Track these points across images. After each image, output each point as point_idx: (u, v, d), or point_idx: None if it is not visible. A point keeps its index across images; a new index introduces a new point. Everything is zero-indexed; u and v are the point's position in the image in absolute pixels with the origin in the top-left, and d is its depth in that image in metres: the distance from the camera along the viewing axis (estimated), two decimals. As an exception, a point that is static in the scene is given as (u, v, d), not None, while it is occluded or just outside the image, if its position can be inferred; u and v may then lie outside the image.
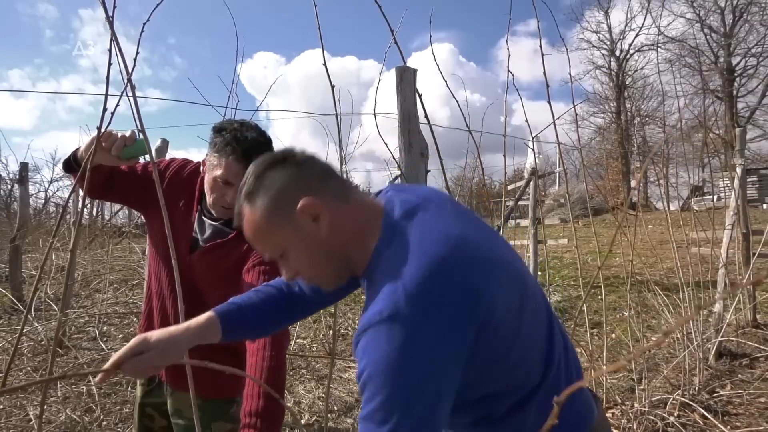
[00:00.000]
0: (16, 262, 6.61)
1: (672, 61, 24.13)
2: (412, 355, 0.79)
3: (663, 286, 4.78)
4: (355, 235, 0.95)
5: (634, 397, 3.31)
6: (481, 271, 0.85)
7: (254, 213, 0.93)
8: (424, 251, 0.84)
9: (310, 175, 0.95)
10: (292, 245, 0.94)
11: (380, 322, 0.80)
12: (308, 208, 0.91)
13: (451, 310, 0.81)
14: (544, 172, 7.29)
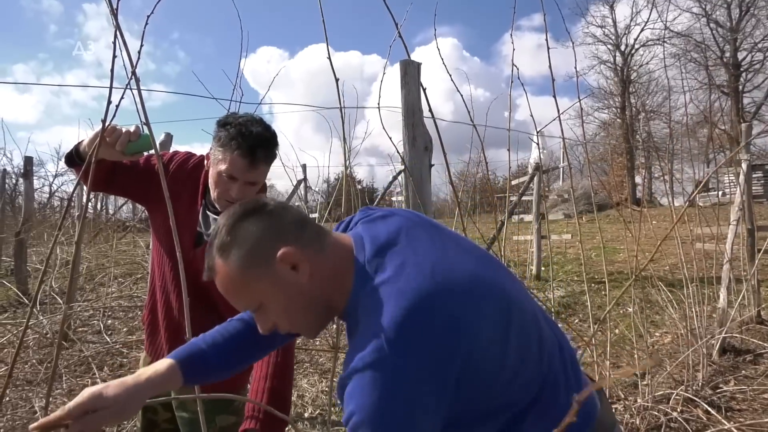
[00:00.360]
0: (21, 255, 6.65)
1: (678, 56, 24.00)
2: (397, 399, 0.79)
3: (667, 282, 4.77)
4: (335, 278, 0.93)
5: (637, 392, 3.30)
6: (460, 302, 0.84)
7: (228, 266, 0.90)
8: (400, 290, 0.84)
9: (286, 224, 0.93)
10: (269, 297, 0.91)
11: (364, 368, 0.80)
12: (288, 256, 0.89)
13: (434, 348, 0.80)
14: (549, 167, 7.26)
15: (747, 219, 4.63)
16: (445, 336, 0.81)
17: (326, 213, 6.88)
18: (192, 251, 1.55)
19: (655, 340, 4.53)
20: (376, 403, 0.79)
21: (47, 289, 5.24)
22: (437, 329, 0.81)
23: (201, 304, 1.48)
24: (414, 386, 0.79)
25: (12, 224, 8.46)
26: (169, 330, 1.62)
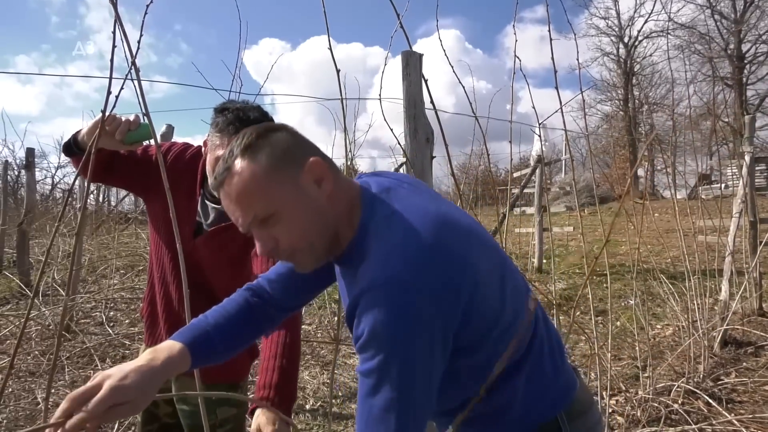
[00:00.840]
0: (23, 247, 6.66)
1: (681, 47, 23.85)
2: (410, 317, 0.80)
3: (669, 275, 4.76)
4: (346, 209, 0.93)
5: (638, 384, 3.31)
6: (464, 240, 0.89)
7: (254, 166, 0.86)
8: (409, 222, 0.86)
9: (306, 140, 0.94)
10: (286, 206, 0.88)
11: (378, 287, 0.81)
12: (316, 167, 0.89)
13: (443, 275, 0.83)
14: (551, 159, 7.24)
15: (749, 211, 4.61)
16: (454, 267, 0.84)
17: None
18: (191, 241, 1.54)
19: (656, 332, 4.53)
20: (388, 319, 0.80)
21: (49, 280, 5.25)
22: (447, 260, 0.84)
23: (201, 294, 1.48)
24: (425, 305, 0.81)
25: (14, 216, 8.47)
26: (168, 322, 1.61)
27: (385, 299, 0.80)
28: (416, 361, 0.82)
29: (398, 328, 0.80)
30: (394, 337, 0.81)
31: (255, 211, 0.87)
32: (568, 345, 4.20)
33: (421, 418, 0.86)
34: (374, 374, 0.82)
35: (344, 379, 3.76)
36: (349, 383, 3.69)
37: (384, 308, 0.80)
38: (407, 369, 0.82)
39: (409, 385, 0.82)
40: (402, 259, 0.82)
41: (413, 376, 0.82)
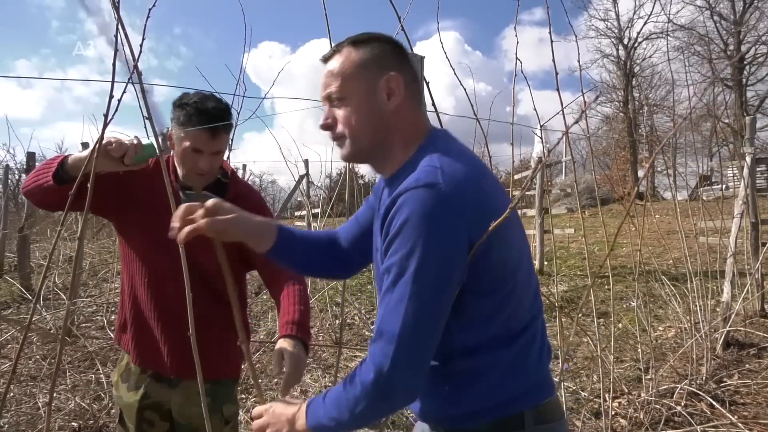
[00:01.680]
0: (24, 251, 6.66)
1: (681, 49, 23.87)
2: (439, 217, 0.89)
3: (671, 276, 4.76)
4: (405, 131, 1.05)
5: (641, 386, 3.30)
6: (498, 193, 1.01)
7: (353, 54, 1.04)
8: (458, 157, 0.97)
9: (407, 66, 1.07)
10: (355, 98, 1.04)
11: (415, 188, 0.90)
12: (392, 80, 1.03)
13: (476, 195, 0.93)
14: (551, 161, 7.24)
15: (751, 212, 4.61)
16: (488, 196, 0.96)
17: (329, 208, 6.86)
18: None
19: (658, 334, 4.52)
20: (418, 213, 0.88)
21: (50, 284, 5.25)
22: (482, 187, 0.96)
23: (199, 283, 1.51)
24: (454, 211, 0.90)
25: (15, 220, 8.47)
26: (161, 321, 1.61)
27: (419, 197, 0.89)
28: (436, 260, 0.89)
29: (426, 223, 0.88)
30: (420, 230, 0.88)
31: (333, 89, 1.05)
32: (571, 347, 4.19)
33: (430, 324, 0.91)
34: (395, 267, 0.90)
35: (346, 382, 3.75)
36: (350, 386, 3.68)
37: (417, 204, 0.89)
38: (426, 265, 0.88)
39: (426, 281, 0.89)
40: (443, 173, 0.91)
41: (431, 273, 0.89)
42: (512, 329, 1.01)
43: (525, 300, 1.04)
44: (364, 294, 6.04)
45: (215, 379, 1.63)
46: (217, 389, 1.64)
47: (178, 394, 1.65)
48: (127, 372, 1.69)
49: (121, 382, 1.70)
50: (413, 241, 0.88)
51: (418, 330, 0.90)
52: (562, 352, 2.82)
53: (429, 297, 0.90)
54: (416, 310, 0.89)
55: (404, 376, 0.91)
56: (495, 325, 1.00)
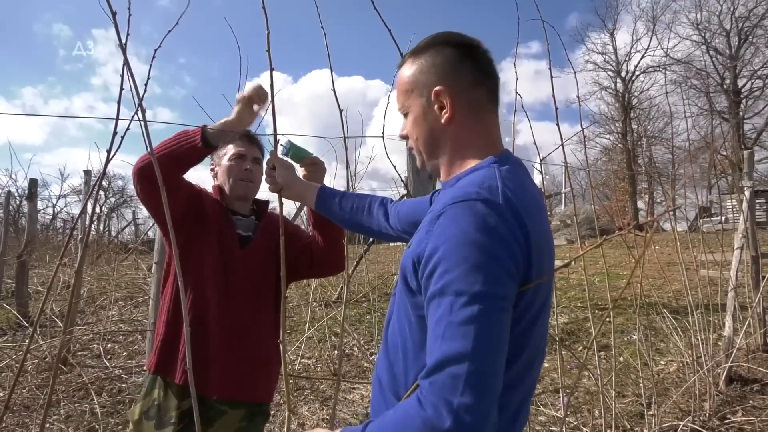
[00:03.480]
0: (22, 278, 6.63)
1: (678, 82, 24.21)
2: (489, 228, 0.81)
3: (671, 309, 4.73)
4: (463, 144, 1.03)
5: (643, 422, 3.25)
6: (542, 236, 0.90)
7: (408, 70, 1.06)
8: (509, 178, 0.91)
9: (465, 71, 1.02)
10: (414, 115, 1.06)
11: (458, 202, 0.84)
12: (438, 94, 1.01)
13: (517, 212, 0.85)
14: (551, 192, 7.26)
15: (751, 246, 4.60)
16: (527, 215, 0.86)
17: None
18: (240, 251, 1.73)
19: (660, 368, 4.47)
20: (467, 228, 0.81)
21: (47, 312, 5.21)
22: (524, 206, 0.87)
23: (256, 303, 1.72)
24: (501, 222, 0.82)
25: (14, 245, 8.46)
26: (223, 334, 1.65)
27: (467, 211, 0.83)
28: (497, 278, 0.79)
29: (478, 234, 0.80)
30: (474, 244, 0.79)
31: (400, 103, 1.09)
32: (570, 380, 4.14)
33: (499, 348, 0.77)
34: (452, 286, 0.77)
35: (344, 415, 3.69)
36: (349, 419, 3.63)
37: (466, 218, 0.82)
38: (488, 277, 0.77)
39: (492, 293, 0.77)
40: (487, 186, 0.87)
41: (495, 285, 0.78)
42: (526, 384, 0.92)
43: (527, 356, 0.92)
44: (363, 324, 5.99)
45: (260, 401, 1.73)
46: (256, 412, 1.71)
47: (216, 430, 1.63)
48: (155, 408, 1.62)
49: (145, 420, 1.63)
50: (475, 257, 0.78)
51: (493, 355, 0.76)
52: (563, 387, 2.78)
53: (500, 317, 0.77)
54: (488, 332, 0.75)
55: (488, 413, 0.72)
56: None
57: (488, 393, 0.72)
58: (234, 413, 1.65)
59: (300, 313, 6.33)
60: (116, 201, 27.95)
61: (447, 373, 0.72)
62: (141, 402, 1.66)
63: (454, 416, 0.69)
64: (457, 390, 0.71)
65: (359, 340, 5.35)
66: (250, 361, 1.68)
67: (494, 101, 1.05)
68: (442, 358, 0.74)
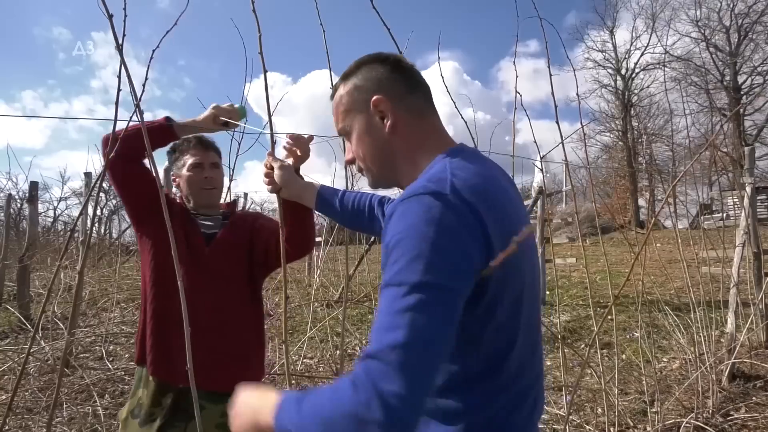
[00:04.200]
0: (24, 280, 6.63)
1: (678, 79, 24.19)
2: (437, 219, 0.80)
3: (673, 306, 4.72)
4: (412, 148, 1.04)
5: (646, 419, 3.24)
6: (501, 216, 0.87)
7: (342, 90, 1.09)
8: (460, 168, 0.90)
9: (398, 81, 1.05)
10: (355, 127, 1.07)
11: (425, 194, 0.83)
12: (377, 103, 1.03)
13: (469, 203, 0.83)
14: (551, 190, 7.25)
15: (753, 242, 4.60)
16: (481, 221, 0.83)
17: (330, 237, 6.85)
18: (206, 249, 1.77)
19: (663, 365, 4.47)
20: (415, 220, 0.81)
21: (49, 314, 5.21)
22: (494, 196, 0.87)
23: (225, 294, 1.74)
24: (450, 214, 0.81)
25: (15, 248, 8.46)
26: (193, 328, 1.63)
27: (425, 203, 0.82)
28: (445, 268, 0.78)
29: (423, 227, 0.80)
30: (418, 236, 0.79)
31: (339, 125, 1.11)
32: (573, 378, 4.14)
33: (437, 339, 0.76)
34: (396, 277, 0.78)
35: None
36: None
37: (413, 212, 0.82)
38: (430, 268, 0.77)
39: (432, 284, 0.77)
40: (436, 179, 0.86)
41: (440, 281, 0.77)
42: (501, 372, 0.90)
43: (524, 339, 0.93)
44: (365, 324, 5.99)
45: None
46: None
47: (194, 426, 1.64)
48: (140, 406, 1.68)
49: (131, 419, 1.68)
50: (418, 248, 0.78)
51: (430, 344, 0.76)
52: (566, 385, 2.78)
53: (439, 308, 0.77)
54: (425, 322, 0.75)
55: (417, 404, 0.73)
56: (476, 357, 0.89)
57: (419, 384, 0.73)
58: (214, 408, 1.65)
59: (302, 314, 6.33)
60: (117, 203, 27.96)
61: (381, 362, 0.73)
62: (129, 401, 1.74)
63: (383, 404, 0.70)
64: (390, 379, 0.71)
65: (361, 340, 5.35)
66: (225, 353, 1.70)
67: (432, 105, 1.09)
68: (379, 347, 0.74)
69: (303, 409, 0.79)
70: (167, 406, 1.65)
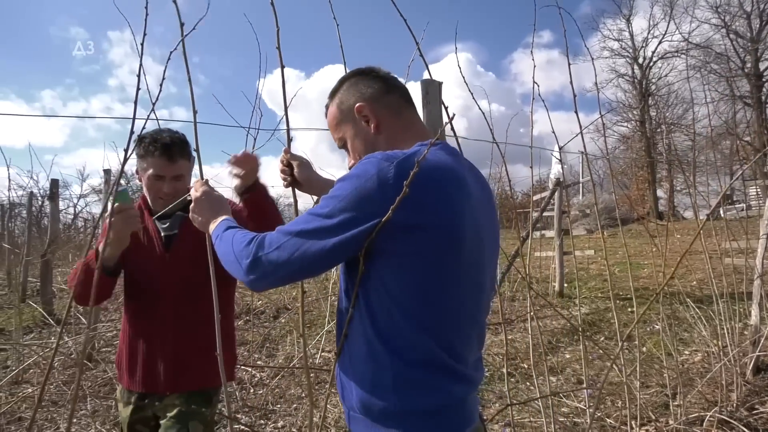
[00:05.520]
0: (46, 276, 6.75)
1: (698, 67, 23.73)
2: (356, 177, 0.98)
3: (695, 298, 4.65)
4: (394, 141, 1.15)
5: (668, 413, 3.20)
6: (436, 181, 0.99)
7: (332, 107, 1.23)
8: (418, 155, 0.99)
9: (375, 86, 1.20)
10: (350, 137, 1.20)
11: (367, 159, 1.00)
12: (360, 110, 1.17)
13: (385, 178, 0.96)
14: (569, 182, 7.15)
15: (777, 232, 4.50)
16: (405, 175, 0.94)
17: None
18: (166, 254, 1.76)
19: (684, 358, 4.41)
20: (356, 169, 0.99)
21: (72, 310, 5.30)
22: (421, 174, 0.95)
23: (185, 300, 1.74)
24: (362, 174, 0.97)
25: (37, 245, 8.61)
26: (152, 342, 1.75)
27: (359, 165, 1.00)
28: (347, 212, 0.96)
29: (351, 181, 0.98)
30: (343, 186, 0.99)
31: (336, 138, 1.25)
32: (593, 372, 4.10)
33: (312, 261, 0.98)
34: (319, 203, 1.01)
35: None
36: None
37: (354, 169, 1.00)
38: (336, 212, 0.97)
39: (331, 215, 0.97)
40: (392, 154, 0.99)
41: (337, 220, 0.97)
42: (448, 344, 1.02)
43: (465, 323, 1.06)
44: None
45: (205, 386, 1.76)
46: (197, 398, 1.74)
47: (161, 408, 1.75)
48: (122, 390, 1.82)
49: (120, 399, 1.83)
50: (335, 190, 0.99)
51: (301, 260, 0.99)
52: (587, 377, 2.75)
53: (324, 233, 0.97)
54: (308, 246, 0.98)
55: (266, 277, 1.02)
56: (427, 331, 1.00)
57: (285, 267, 1.00)
58: (169, 398, 1.74)
59: (319, 307, 6.36)
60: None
61: (273, 237, 1.02)
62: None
63: (253, 260, 1.02)
64: (271, 249, 1.01)
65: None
66: (192, 355, 1.74)
67: (410, 102, 1.24)
68: (281, 229, 1.04)
69: (225, 235, 1.15)
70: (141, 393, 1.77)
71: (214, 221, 1.25)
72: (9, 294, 8.54)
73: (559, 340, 5.17)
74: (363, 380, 1.03)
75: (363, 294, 1.04)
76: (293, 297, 7.10)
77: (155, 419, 1.78)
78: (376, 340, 1.01)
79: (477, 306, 1.08)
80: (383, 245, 0.98)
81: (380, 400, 1.00)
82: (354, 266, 1.03)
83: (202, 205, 1.32)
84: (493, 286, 1.17)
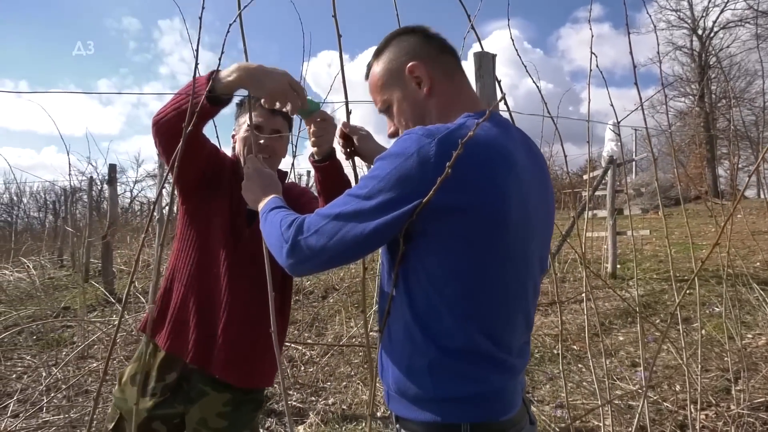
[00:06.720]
0: (107, 257, 7.07)
1: (764, 36, 22.31)
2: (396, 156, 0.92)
3: (759, 280, 4.43)
4: (446, 107, 1.08)
5: (729, 398, 3.08)
6: (480, 160, 0.92)
7: (377, 67, 1.14)
8: (467, 128, 0.93)
9: (428, 45, 1.12)
10: (398, 100, 1.11)
11: (409, 133, 0.95)
12: (413, 69, 1.09)
13: (426, 156, 0.90)
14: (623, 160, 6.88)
15: None
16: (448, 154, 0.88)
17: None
18: (247, 229, 1.61)
19: (747, 342, 4.22)
20: (392, 151, 0.94)
21: (131, 289, 5.52)
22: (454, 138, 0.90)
23: (257, 285, 1.53)
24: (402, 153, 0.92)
25: (97, 228, 9.01)
26: (218, 315, 1.56)
27: (402, 138, 0.95)
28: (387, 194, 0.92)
29: (392, 160, 0.92)
30: (383, 165, 0.94)
31: (379, 101, 1.16)
32: (649, 354, 3.98)
33: (357, 234, 0.93)
34: (359, 184, 0.97)
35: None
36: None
37: (398, 143, 0.95)
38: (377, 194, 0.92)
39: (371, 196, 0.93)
40: (435, 128, 0.94)
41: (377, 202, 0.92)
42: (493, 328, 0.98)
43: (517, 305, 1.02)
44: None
45: (251, 387, 1.59)
46: (245, 403, 1.58)
47: (197, 411, 1.55)
48: (143, 375, 1.57)
49: (131, 384, 1.60)
50: (374, 170, 0.95)
51: (339, 245, 0.95)
52: (643, 360, 2.67)
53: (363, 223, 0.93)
54: (347, 230, 0.94)
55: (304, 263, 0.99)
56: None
57: (324, 253, 0.96)
58: (218, 396, 1.55)
59: (367, 288, 6.41)
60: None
61: (312, 220, 0.99)
62: (132, 365, 1.66)
63: (292, 244, 0.99)
64: (309, 233, 0.97)
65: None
66: (247, 346, 1.57)
67: (461, 68, 1.15)
68: (320, 211, 0.99)
69: (270, 215, 1.12)
70: (170, 383, 1.57)
71: (264, 199, 1.22)
72: (73, 274, 9.00)
73: (612, 322, 5.04)
74: (400, 363, 1.01)
75: (402, 276, 1.00)
76: (341, 278, 7.18)
77: (180, 417, 1.57)
78: (413, 324, 0.98)
79: (524, 289, 1.02)
80: (423, 226, 0.93)
81: (415, 385, 0.97)
82: (395, 246, 0.98)
83: (252, 180, 1.30)
84: (544, 267, 1.11)
